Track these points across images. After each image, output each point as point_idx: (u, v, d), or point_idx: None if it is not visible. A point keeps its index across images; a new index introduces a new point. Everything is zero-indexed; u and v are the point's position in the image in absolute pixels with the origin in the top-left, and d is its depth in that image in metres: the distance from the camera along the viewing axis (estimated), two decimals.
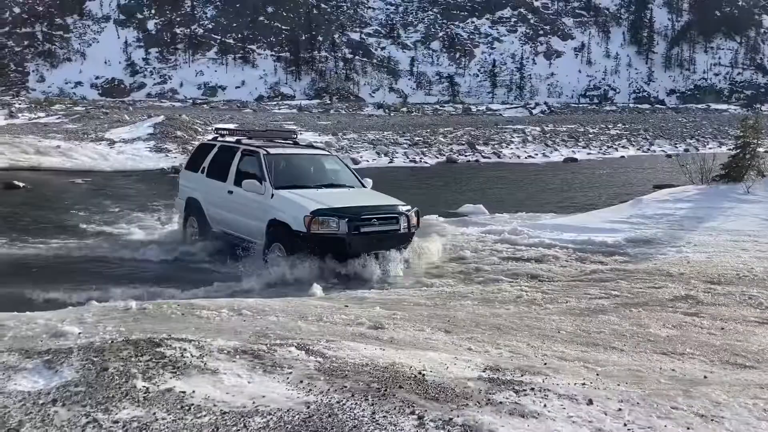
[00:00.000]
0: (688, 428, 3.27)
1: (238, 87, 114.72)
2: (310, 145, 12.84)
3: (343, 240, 8.46)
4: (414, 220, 9.17)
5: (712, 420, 3.37)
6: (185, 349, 4.31)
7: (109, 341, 4.54)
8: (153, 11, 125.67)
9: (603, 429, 3.25)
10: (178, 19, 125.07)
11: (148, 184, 21.12)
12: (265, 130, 13.05)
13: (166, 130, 34.09)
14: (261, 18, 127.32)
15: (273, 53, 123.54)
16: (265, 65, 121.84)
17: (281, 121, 49.76)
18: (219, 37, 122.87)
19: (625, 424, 3.30)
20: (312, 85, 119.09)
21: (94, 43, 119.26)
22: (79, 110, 50.39)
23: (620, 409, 3.47)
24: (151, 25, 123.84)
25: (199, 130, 36.25)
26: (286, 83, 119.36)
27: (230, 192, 9.93)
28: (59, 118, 42.37)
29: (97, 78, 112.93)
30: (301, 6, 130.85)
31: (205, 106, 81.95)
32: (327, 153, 11.76)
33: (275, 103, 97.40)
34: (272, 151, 10.02)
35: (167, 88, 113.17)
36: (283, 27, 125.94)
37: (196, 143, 32.47)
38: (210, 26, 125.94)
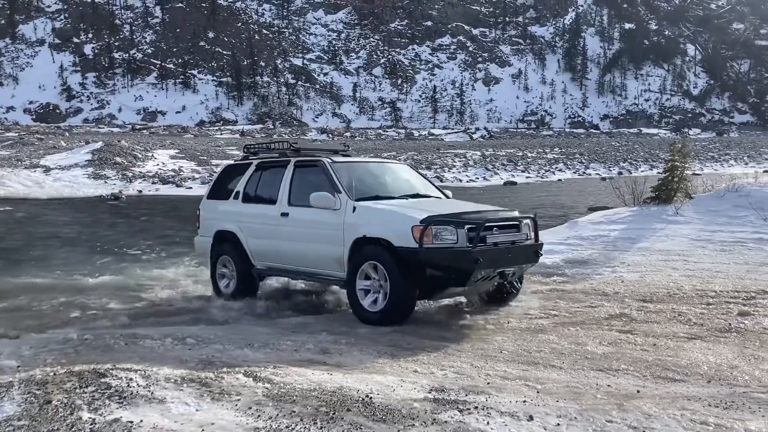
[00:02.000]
0: None
1: (179, 112, 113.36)
2: None
3: (467, 254, 6.46)
4: (534, 230, 7.40)
5: (644, 431, 3.56)
6: (131, 379, 4.29)
7: (52, 373, 4.47)
8: (90, 35, 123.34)
9: None
10: (116, 43, 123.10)
11: (84, 212, 20.58)
12: (313, 147, 9.66)
13: (105, 156, 33.43)
14: (202, 43, 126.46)
15: (214, 78, 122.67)
16: (206, 90, 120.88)
17: (223, 146, 49.34)
18: (159, 62, 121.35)
19: None
20: (254, 110, 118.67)
21: (27, 67, 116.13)
22: (11, 136, 48.94)
23: (559, 424, 3.63)
24: (88, 49, 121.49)
25: (139, 156, 35.64)
26: (228, 108, 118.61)
27: (284, 214, 7.86)
28: None
29: (30, 103, 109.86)
30: (243, 31, 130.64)
31: (144, 131, 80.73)
32: (397, 161, 9.82)
33: (217, 128, 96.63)
34: (337, 159, 8.08)
35: (105, 113, 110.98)
36: (224, 52, 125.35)
37: (137, 170, 32.16)
38: (149, 51, 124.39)
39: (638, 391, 4.49)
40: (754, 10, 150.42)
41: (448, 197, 8.42)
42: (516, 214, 7.42)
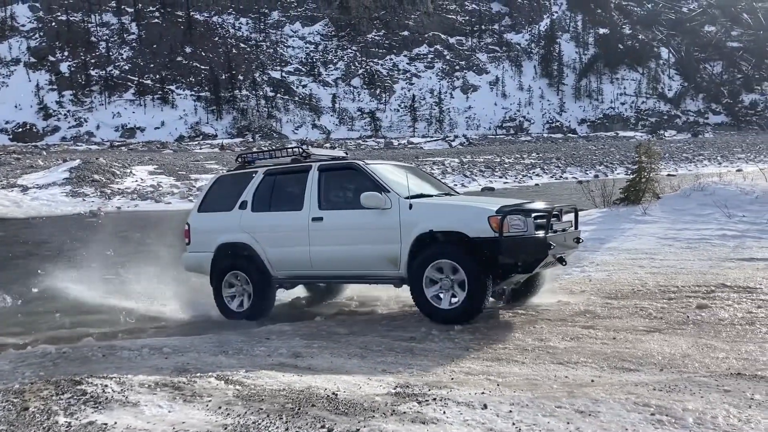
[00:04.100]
0: (569, 422, 3.68)
1: (158, 128, 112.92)
2: None
3: (542, 241, 6.85)
4: (575, 219, 8.03)
5: (589, 415, 3.79)
6: (106, 386, 4.45)
7: (29, 383, 4.62)
8: (66, 53, 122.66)
9: (494, 428, 3.62)
10: (93, 60, 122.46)
11: (62, 230, 20.54)
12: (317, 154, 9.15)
13: (83, 174, 33.39)
14: (179, 58, 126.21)
15: (193, 93, 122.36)
16: (185, 105, 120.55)
17: (203, 161, 49.31)
18: (136, 78, 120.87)
19: (513, 423, 3.68)
20: (234, 124, 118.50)
21: (3, 86, 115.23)
22: None
23: (511, 411, 3.86)
24: (64, 67, 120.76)
25: (118, 172, 35.60)
26: (207, 123, 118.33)
27: (317, 219, 7.66)
28: None
29: (7, 122, 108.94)
30: (220, 45, 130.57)
31: (123, 148, 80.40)
32: (409, 164, 9.91)
33: (196, 142, 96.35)
34: (369, 161, 8.03)
35: (83, 131, 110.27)
36: (202, 66, 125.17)
37: (115, 186, 32.10)
38: (126, 67, 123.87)
39: (593, 381, 4.72)
40: (725, 13, 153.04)
41: (458, 194, 8.78)
42: (550, 207, 7.64)
